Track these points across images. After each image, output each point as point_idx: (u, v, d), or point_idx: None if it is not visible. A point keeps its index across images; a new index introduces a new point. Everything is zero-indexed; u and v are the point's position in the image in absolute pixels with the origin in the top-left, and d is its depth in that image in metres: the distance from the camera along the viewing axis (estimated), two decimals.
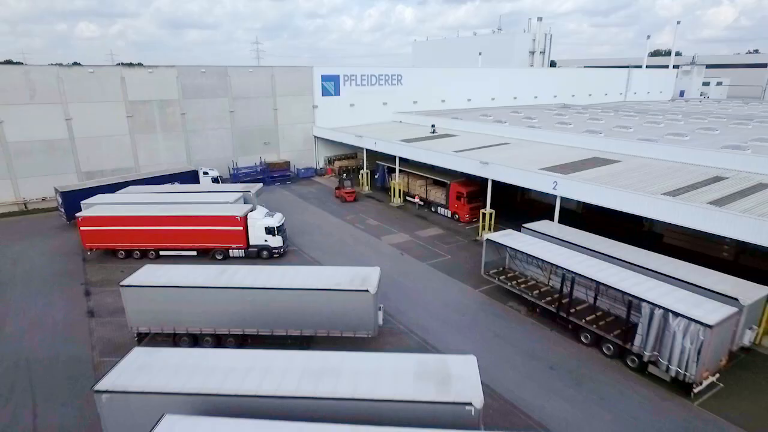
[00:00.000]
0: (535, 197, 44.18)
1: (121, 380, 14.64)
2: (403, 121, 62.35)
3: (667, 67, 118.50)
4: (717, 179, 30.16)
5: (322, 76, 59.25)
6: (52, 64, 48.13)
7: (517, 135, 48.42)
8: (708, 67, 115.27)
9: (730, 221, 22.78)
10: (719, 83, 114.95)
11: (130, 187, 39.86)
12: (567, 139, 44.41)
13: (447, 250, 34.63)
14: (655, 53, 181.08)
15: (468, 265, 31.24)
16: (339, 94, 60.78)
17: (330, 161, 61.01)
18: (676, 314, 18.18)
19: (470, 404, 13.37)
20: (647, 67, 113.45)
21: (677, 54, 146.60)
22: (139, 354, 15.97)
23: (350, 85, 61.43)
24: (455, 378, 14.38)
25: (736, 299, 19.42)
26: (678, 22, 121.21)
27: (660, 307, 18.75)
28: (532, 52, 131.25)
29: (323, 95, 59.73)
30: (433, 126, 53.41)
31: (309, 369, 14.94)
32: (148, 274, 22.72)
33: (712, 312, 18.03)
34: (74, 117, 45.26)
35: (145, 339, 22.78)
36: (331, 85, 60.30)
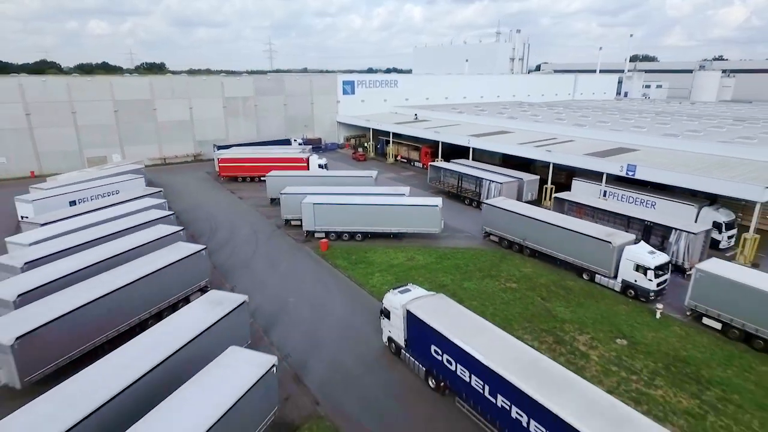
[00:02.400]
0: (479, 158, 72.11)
1: (285, 191, 43.08)
2: (398, 112, 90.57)
3: (622, 71, 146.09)
4: (553, 138, 58.12)
5: (342, 81, 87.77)
6: (183, 73, 76.53)
7: (468, 120, 76.56)
8: (647, 72, 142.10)
9: (535, 151, 50.89)
10: (659, 86, 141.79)
11: (234, 147, 68.38)
12: (496, 121, 72.44)
13: (416, 180, 62.90)
14: (645, 58, 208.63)
15: (425, 184, 59.33)
16: (354, 93, 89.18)
17: (348, 139, 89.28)
18: (492, 181, 46.33)
19: (404, 194, 41.76)
20: (601, 71, 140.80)
21: (653, 59, 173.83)
22: (291, 187, 44.37)
23: (362, 87, 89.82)
24: (400, 190, 42.79)
25: (521, 179, 47.48)
26: (631, 35, 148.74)
27: (488, 180, 46.92)
28: (513, 59, 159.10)
29: (343, 94, 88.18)
30: (415, 114, 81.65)
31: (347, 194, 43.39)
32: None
33: (505, 180, 46.13)
34: (194, 107, 74.04)
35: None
36: (349, 87, 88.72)
